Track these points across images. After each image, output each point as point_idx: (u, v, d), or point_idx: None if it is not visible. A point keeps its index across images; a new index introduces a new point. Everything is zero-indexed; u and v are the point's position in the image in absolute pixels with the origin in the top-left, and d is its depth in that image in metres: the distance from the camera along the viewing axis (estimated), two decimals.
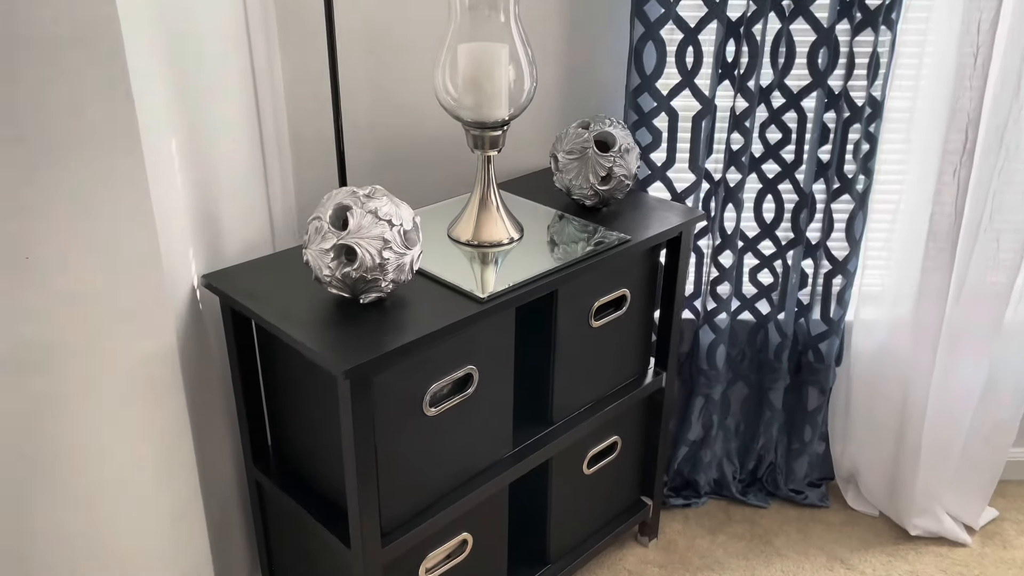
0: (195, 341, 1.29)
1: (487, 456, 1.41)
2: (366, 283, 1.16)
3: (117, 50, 1.01)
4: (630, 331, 1.61)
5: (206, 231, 1.35)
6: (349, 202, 1.15)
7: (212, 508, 1.38)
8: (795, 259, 1.83)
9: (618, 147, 1.51)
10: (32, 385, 1.09)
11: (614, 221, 1.54)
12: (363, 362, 1.09)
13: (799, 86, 1.67)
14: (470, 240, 1.42)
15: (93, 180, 1.06)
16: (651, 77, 1.65)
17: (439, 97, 1.34)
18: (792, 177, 1.75)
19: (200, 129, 1.31)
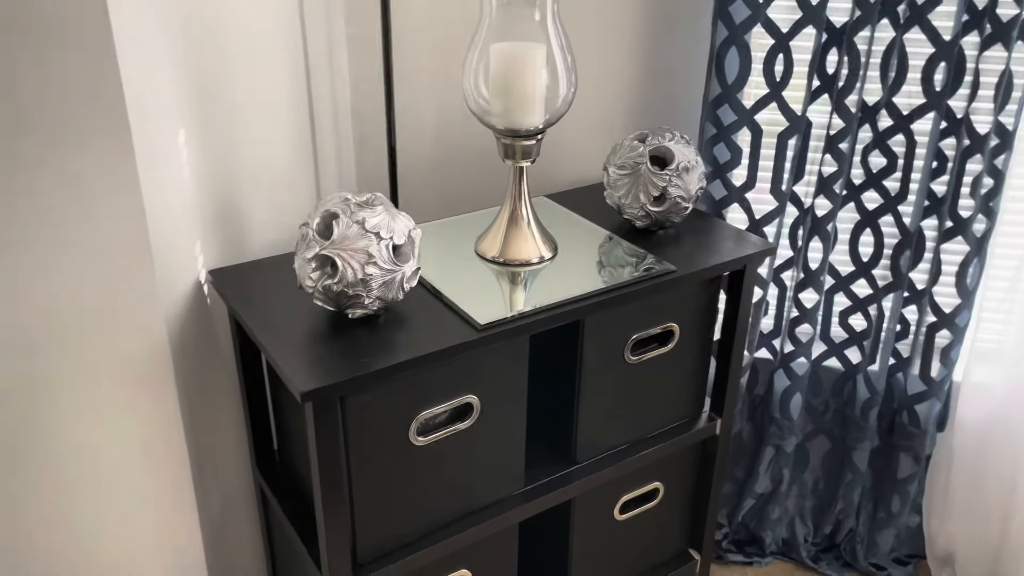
0: (196, 337, 1.25)
1: (491, 492, 1.30)
2: (348, 298, 1.07)
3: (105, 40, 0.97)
4: (679, 370, 1.44)
5: (225, 224, 1.31)
6: (338, 210, 1.06)
7: (210, 508, 1.35)
8: (895, 305, 1.58)
9: (676, 165, 1.34)
10: (19, 368, 1.08)
11: (669, 246, 1.38)
12: (325, 385, 1.00)
13: (911, 106, 1.43)
14: (496, 257, 1.31)
15: (81, 171, 1.02)
16: (733, 87, 1.46)
17: (468, 101, 1.22)
18: (895, 211, 1.51)
19: (224, 120, 1.27)
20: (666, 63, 1.54)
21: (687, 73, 1.54)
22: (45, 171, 1.01)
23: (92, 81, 0.99)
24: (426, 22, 1.54)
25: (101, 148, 1.02)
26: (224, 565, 1.42)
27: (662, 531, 1.61)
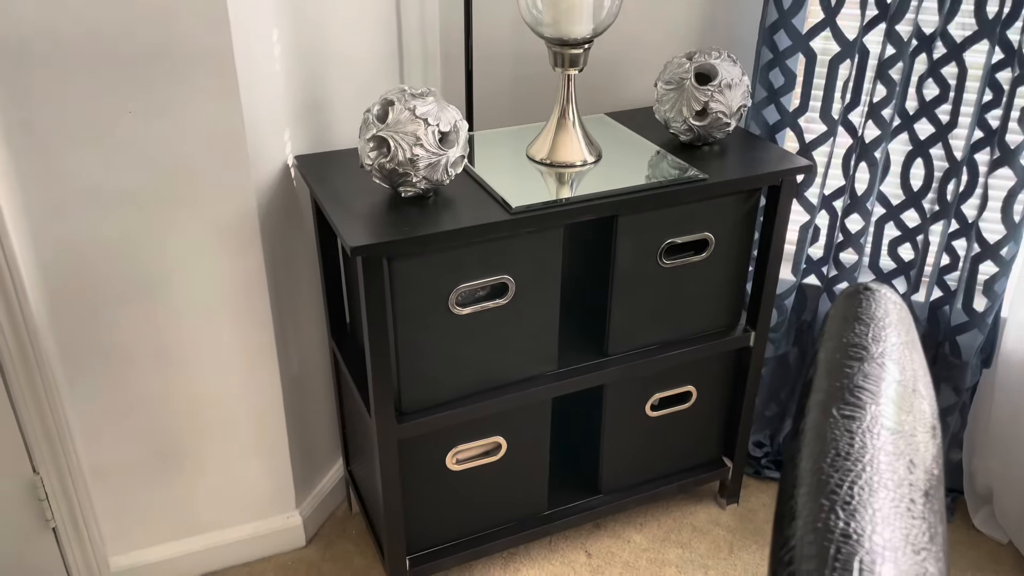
0: (283, 212, 1.47)
1: (526, 368, 1.46)
2: (399, 176, 1.25)
3: None
4: (714, 280, 1.55)
5: (313, 117, 1.51)
6: (394, 98, 1.24)
7: (289, 364, 1.58)
8: (943, 236, 1.61)
9: (718, 81, 1.43)
10: (132, 223, 1.32)
11: (711, 160, 1.47)
12: (372, 243, 1.18)
13: (963, 35, 1.45)
14: (544, 159, 1.45)
15: (187, 57, 1.24)
16: (789, 12, 1.52)
17: (523, 13, 1.36)
18: (945, 141, 1.54)
19: (315, 23, 1.46)
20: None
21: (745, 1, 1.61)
22: (157, 58, 1.23)
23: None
24: None
25: (204, 40, 1.23)
26: (300, 414, 1.65)
27: (695, 435, 1.73)
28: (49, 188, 1.25)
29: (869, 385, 0.40)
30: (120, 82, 1.22)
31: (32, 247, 1.28)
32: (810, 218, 1.67)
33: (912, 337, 0.46)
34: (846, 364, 0.42)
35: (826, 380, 0.42)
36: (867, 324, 0.43)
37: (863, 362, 0.41)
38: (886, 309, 0.47)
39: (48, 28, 1.16)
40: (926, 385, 0.45)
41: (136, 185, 1.30)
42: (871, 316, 0.44)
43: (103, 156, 1.26)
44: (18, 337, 1.29)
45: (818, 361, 0.45)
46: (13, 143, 1.20)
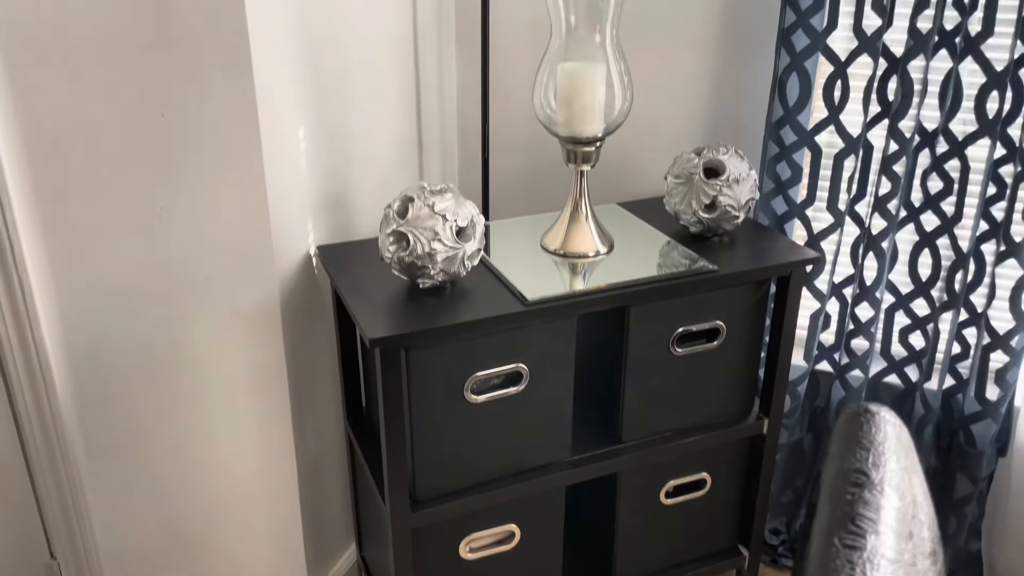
0: (303, 301, 1.51)
1: (540, 456, 1.47)
2: (417, 269, 1.29)
3: (242, 51, 1.24)
4: (726, 368, 1.56)
5: (335, 208, 1.56)
6: (414, 195, 1.29)
7: (305, 447, 1.59)
8: (953, 325, 1.63)
9: (727, 176, 1.48)
10: (155, 309, 1.37)
11: (721, 251, 1.51)
12: (390, 335, 1.22)
13: (964, 132, 1.50)
14: (558, 249, 1.49)
15: (218, 155, 1.30)
16: (794, 109, 1.58)
17: (537, 112, 1.42)
18: (951, 233, 1.57)
19: (340, 121, 1.53)
20: (733, 85, 1.68)
21: (753, 95, 1.68)
22: (188, 155, 1.29)
23: (230, 85, 1.26)
24: (525, 54, 1.76)
25: (234, 139, 1.29)
26: (315, 499, 1.66)
27: (711, 523, 1.72)
28: (81, 282, 1.30)
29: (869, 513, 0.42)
30: (152, 180, 1.28)
31: (62, 338, 1.32)
32: (820, 306, 1.70)
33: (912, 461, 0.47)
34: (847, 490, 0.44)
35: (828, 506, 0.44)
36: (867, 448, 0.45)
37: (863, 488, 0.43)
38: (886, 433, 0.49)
39: (86, 126, 1.22)
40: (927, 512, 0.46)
41: (164, 278, 1.35)
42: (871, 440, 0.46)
43: (134, 251, 1.31)
44: (44, 426, 1.32)
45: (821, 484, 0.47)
46: (50, 240, 1.26)
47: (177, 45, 1.22)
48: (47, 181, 1.23)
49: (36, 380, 1.30)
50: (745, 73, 1.67)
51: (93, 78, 1.20)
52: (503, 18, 1.75)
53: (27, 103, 1.18)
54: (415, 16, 1.70)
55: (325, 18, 1.44)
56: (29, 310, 1.25)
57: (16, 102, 1.17)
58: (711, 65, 1.68)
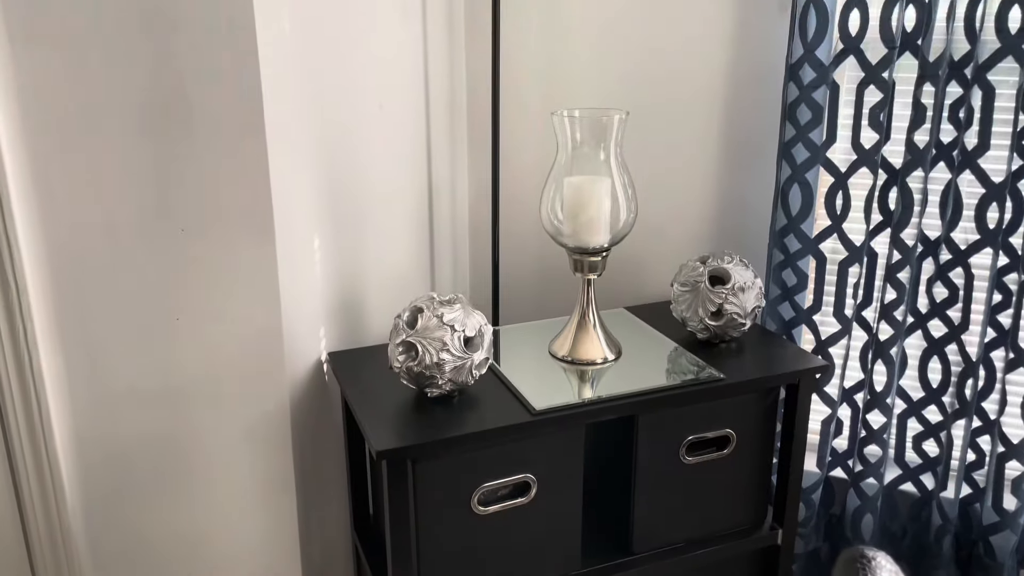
0: (314, 407, 1.52)
1: (549, 569, 1.44)
2: (426, 378, 1.30)
3: (262, 166, 1.29)
4: (738, 476, 1.55)
5: (347, 315, 1.59)
6: (423, 305, 1.31)
7: (311, 556, 1.57)
8: (966, 433, 1.61)
9: (732, 284, 1.50)
10: (167, 416, 1.38)
11: (728, 357, 1.52)
12: (397, 447, 1.22)
13: (967, 241, 1.52)
14: (566, 356, 1.50)
15: (234, 266, 1.34)
16: (797, 218, 1.61)
17: (544, 224, 1.46)
18: (959, 340, 1.57)
19: (354, 231, 1.57)
20: (737, 194, 1.72)
21: (756, 203, 1.71)
22: (207, 265, 1.33)
23: (249, 198, 1.30)
24: (533, 163, 1.82)
25: (251, 252, 1.33)
26: None
27: None
28: (95, 389, 1.32)
29: None
30: (169, 292, 1.31)
31: (74, 446, 1.33)
32: (831, 412, 1.69)
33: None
34: None
35: None
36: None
37: None
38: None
39: (107, 242, 1.26)
40: None
41: (176, 385, 1.36)
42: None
43: (148, 359, 1.34)
44: (52, 535, 1.32)
45: None
46: (68, 351, 1.28)
47: (197, 162, 1.27)
48: (69, 297, 1.27)
49: (47, 489, 1.30)
50: (748, 183, 1.71)
51: (116, 194, 1.25)
52: (513, 128, 1.82)
53: (56, 226, 1.23)
54: (428, 127, 1.77)
55: (341, 131, 1.50)
56: (43, 420, 1.26)
57: (47, 225, 1.22)
58: (714, 175, 1.73)
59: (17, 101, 1.17)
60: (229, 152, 1.28)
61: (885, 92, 1.49)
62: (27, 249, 1.21)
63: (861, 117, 1.52)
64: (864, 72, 1.50)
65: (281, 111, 1.31)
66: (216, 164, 1.28)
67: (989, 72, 1.43)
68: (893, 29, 1.45)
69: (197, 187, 1.28)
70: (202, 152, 1.27)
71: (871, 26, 1.49)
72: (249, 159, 1.28)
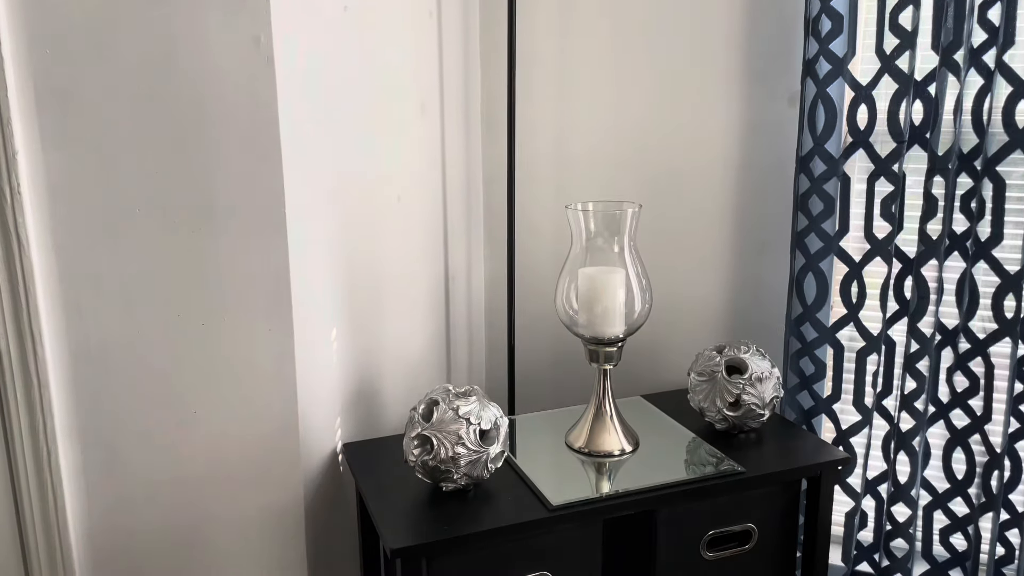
0: (328, 499, 1.50)
1: None
2: (441, 472, 1.29)
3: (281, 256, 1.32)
4: (761, 571, 1.50)
5: (363, 405, 1.59)
6: (439, 398, 1.31)
7: None
8: (994, 526, 1.57)
9: (749, 375, 1.49)
10: (181, 507, 1.37)
11: (748, 449, 1.50)
12: (410, 545, 1.20)
13: (985, 330, 1.51)
14: (582, 447, 1.49)
15: (253, 363, 1.35)
16: (813, 307, 1.61)
17: (560, 314, 1.47)
18: (982, 431, 1.55)
19: (370, 320, 1.59)
20: (753, 283, 1.73)
21: (771, 292, 1.72)
22: (225, 360, 1.34)
23: (268, 292, 1.32)
24: (549, 252, 1.84)
25: (269, 348, 1.34)
26: None
27: None
28: (112, 483, 1.32)
29: None
30: (188, 386, 1.32)
31: (88, 541, 1.32)
32: (855, 504, 1.65)
33: None
34: None
35: None
36: None
37: None
38: None
39: (128, 338, 1.28)
40: None
41: (192, 477, 1.36)
42: None
43: (165, 453, 1.34)
44: None
45: None
46: (87, 445, 1.29)
47: (218, 258, 1.30)
48: (89, 393, 1.28)
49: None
50: (762, 272, 1.72)
51: (139, 293, 1.27)
52: (528, 217, 1.85)
53: (80, 324, 1.25)
54: (445, 218, 1.80)
55: (360, 223, 1.53)
56: (59, 514, 1.26)
57: (70, 322, 1.24)
58: (729, 264, 1.74)
59: (47, 190, 1.20)
60: (250, 247, 1.30)
61: (896, 184, 1.51)
62: (50, 346, 1.22)
63: (873, 208, 1.54)
64: (874, 164, 1.52)
65: (302, 205, 1.34)
66: (236, 259, 1.30)
67: (999, 164, 1.45)
68: (901, 123, 1.48)
69: (218, 282, 1.30)
70: (223, 249, 1.29)
71: (879, 119, 1.52)
72: (269, 254, 1.31)
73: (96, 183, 1.23)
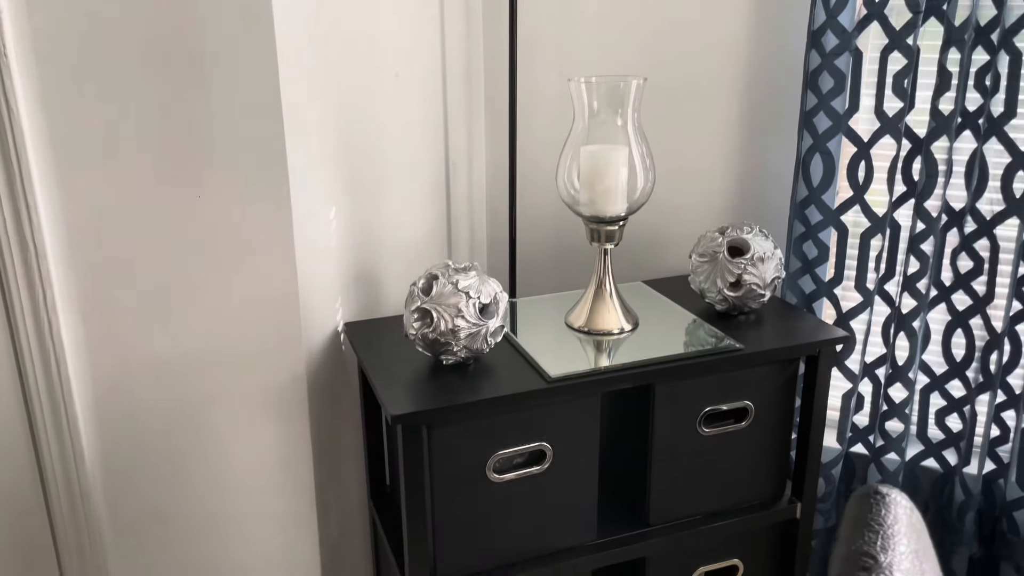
0: (330, 378, 1.52)
1: (565, 538, 1.44)
2: (441, 345, 1.30)
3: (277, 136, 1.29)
4: (757, 448, 1.53)
5: (363, 286, 1.59)
6: (438, 272, 1.31)
7: (329, 529, 1.58)
8: (990, 408, 1.58)
9: (751, 254, 1.48)
10: (185, 384, 1.39)
11: (747, 329, 1.50)
12: (412, 411, 1.22)
13: (992, 211, 1.49)
14: (582, 327, 1.49)
15: (250, 238, 1.34)
16: (819, 189, 1.59)
17: (561, 193, 1.45)
18: (984, 313, 1.55)
19: (370, 202, 1.57)
20: (757, 166, 1.70)
21: (777, 175, 1.69)
22: (224, 235, 1.33)
23: (263, 169, 1.31)
24: (551, 136, 1.81)
25: (266, 223, 1.33)
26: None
27: None
28: (114, 355, 1.33)
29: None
30: (186, 262, 1.32)
31: (94, 413, 1.34)
32: (852, 386, 1.67)
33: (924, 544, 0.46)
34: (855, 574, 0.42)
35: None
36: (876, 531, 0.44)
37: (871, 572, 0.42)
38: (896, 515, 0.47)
39: (124, 213, 1.27)
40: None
41: (194, 355, 1.37)
42: (880, 523, 0.45)
43: (166, 327, 1.34)
44: (72, 499, 1.33)
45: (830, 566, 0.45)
46: (87, 319, 1.30)
47: (213, 129, 1.27)
48: (88, 264, 1.28)
49: (67, 455, 1.32)
50: (768, 153, 1.69)
51: (134, 166, 1.26)
52: (530, 101, 1.81)
53: (75, 193, 1.24)
54: (445, 98, 1.76)
55: (358, 102, 1.50)
56: (64, 386, 1.28)
57: (66, 192, 1.23)
58: (735, 146, 1.71)
59: (33, 53, 1.17)
60: (243, 117, 1.28)
61: (909, 58, 1.46)
62: (45, 214, 1.21)
63: (885, 84, 1.50)
64: (888, 38, 1.47)
65: (296, 76, 1.31)
66: (231, 133, 1.28)
67: (1016, 37, 1.40)
68: None
69: (213, 155, 1.28)
70: (217, 121, 1.27)
71: None
72: (263, 125, 1.28)
73: (83, 41, 1.19)
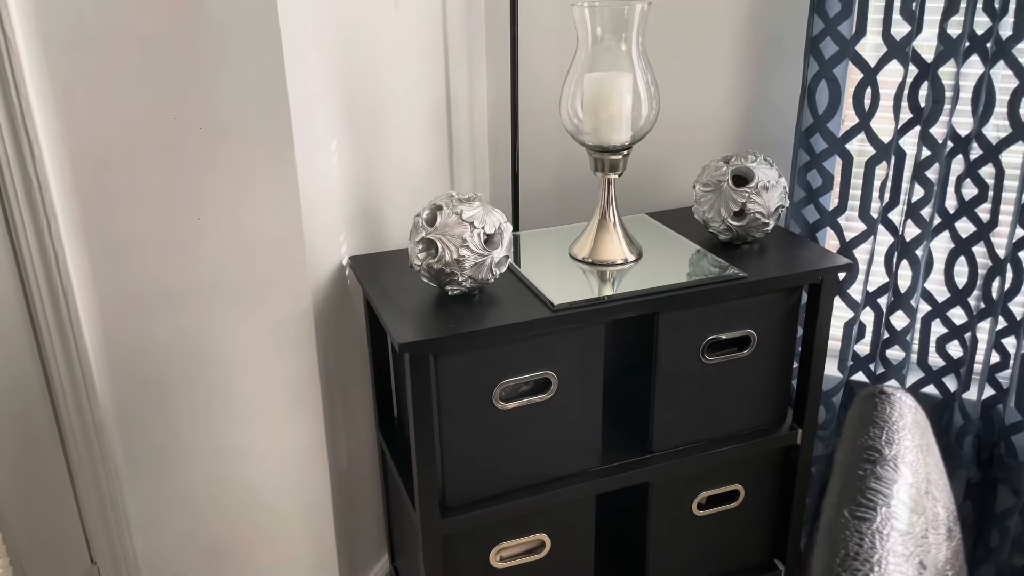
0: (336, 310, 1.53)
1: (570, 464, 1.47)
2: (446, 275, 1.30)
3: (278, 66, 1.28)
4: (759, 376, 1.55)
5: (367, 220, 1.59)
6: (442, 203, 1.30)
7: (338, 458, 1.61)
8: (991, 334, 1.60)
9: (755, 183, 1.48)
10: (192, 316, 1.40)
11: (751, 258, 1.51)
12: (419, 340, 1.23)
13: (998, 137, 1.48)
14: (586, 257, 1.50)
15: (253, 169, 1.33)
16: (824, 117, 1.57)
17: (565, 122, 1.44)
18: (987, 239, 1.55)
19: (372, 135, 1.56)
20: (762, 94, 1.68)
21: (782, 103, 1.67)
22: (226, 167, 1.33)
23: (265, 99, 1.29)
24: (554, 68, 1.78)
25: (269, 153, 1.33)
26: (347, 511, 1.68)
27: (745, 536, 1.69)
28: (121, 288, 1.34)
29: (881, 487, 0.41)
30: (190, 193, 1.32)
31: (103, 345, 1.36)
32: (854, 315, 1.68)
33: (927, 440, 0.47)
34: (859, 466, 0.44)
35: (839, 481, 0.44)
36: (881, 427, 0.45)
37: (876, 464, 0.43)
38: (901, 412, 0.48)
39: (129, 144, 1.27)
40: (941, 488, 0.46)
41: (201, 286, 1.38)
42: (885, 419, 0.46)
43: (172, 260, 1.35)
44: (86, 434, 1.35)
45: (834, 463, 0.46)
46: (93, 250, 1.30)
47: (213, 61, 1.26)
48: (92, 195, 1.28)
49: (79, 389, 1.34)
50: (773, 82, 1.67)
51: (134, 97, 1.25)
52: (532, 31, 1.78)
53: (76, 124, 1.23)
54: (445, 31, 1.73)
55: (358, 34, 1.48)
56: (72, 317, 1.29)
57: (66, 123, 1.22)
58: (739, 74, 1.69)
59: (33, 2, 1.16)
60: (245, 53, 1.26)
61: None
62: (47, 147, 1.21)
63: (893, 7, 1.47)
64: None
65: (295, 9, 1.28)
66: (232, 65, 1.26)
67: None
68: None
69: (214, 88, 1.27)
70: (218, 54, 1.25)
71: None
72: (265, 58, 1.27)
73: None
